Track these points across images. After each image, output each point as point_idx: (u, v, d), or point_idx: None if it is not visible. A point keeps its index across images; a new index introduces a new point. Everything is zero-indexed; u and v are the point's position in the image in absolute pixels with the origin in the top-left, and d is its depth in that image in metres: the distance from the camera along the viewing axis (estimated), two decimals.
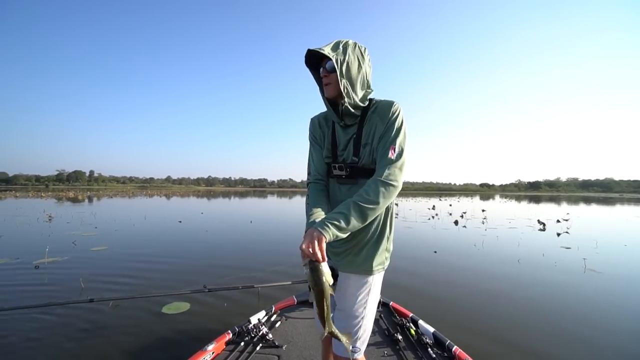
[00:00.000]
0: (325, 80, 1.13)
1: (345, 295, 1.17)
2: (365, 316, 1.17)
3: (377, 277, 1.20)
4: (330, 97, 1.14)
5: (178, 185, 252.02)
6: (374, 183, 1.03)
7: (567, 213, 16.81)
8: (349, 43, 1.11)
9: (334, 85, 1.11)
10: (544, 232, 9.85)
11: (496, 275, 4.77)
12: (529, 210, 21.34)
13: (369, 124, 1.14)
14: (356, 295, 1.16)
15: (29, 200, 24.70)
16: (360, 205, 0.99)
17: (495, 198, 53.44)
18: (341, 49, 1.08)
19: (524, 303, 3.63)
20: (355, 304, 1.16)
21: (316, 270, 0.87)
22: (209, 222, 11.46)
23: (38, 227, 9.18)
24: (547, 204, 32.33)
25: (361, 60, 1.11)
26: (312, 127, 1.30)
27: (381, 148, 1.10)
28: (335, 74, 1.09)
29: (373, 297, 1.19)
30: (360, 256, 1.16)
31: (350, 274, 1.17)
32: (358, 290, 1.16)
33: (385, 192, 1.02)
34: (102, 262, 5.18)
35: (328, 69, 1.11)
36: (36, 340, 2.57)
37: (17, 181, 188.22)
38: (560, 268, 5.29)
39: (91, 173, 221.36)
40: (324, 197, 1.19)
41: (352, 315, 1.16)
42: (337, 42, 1.11)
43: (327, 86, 1.13)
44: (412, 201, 32.97)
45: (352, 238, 1.15)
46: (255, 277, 4.32)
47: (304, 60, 1.18)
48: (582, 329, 2.95)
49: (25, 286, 3.90)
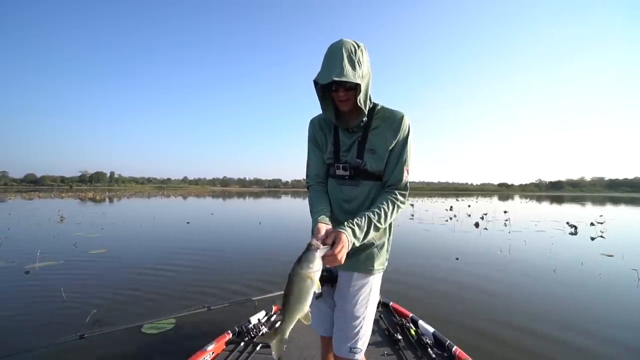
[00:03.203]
0: (343, 97, 1.10)
1: (347, 296, 1.18)
2: (366, 316, 1.19)
3: (378, 277, 1.24)
4: (345, 111, 1.16)
5: (194, 185, 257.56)
6: (392, 204, 1.12)
7: (601, 215, 15.56)
8: (360, 52, 1.09)
9: (351, 102, 1.12)
10: (576, 236, 9.00)
11: (532, 290, 4.13)
12: (554, 211, 20.10)
13: (377, 132, 1.17)
14: (357, 295, 1.18)
15: (50, 201, 25.42)
16: (377, 225, 1.07)
17: (515, 198, 51.39)
18: (357, 64, 1.07)
19: (576, 331, 3.00)
20: (357, 304, 1.17)
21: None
22: (218, 223, 11.18)
23: (47, 228, 9.13)
24: (571, 204, 30.62)
25: (369, 67, 1.13)
26: (313, 129, 1.30)
27: (393, 164, 1.17)
28: (354, 91, 1.10)
29: (373, 297, 1.22)
30: (363, 255, 1.19)
31: (353, 273, 1.19)
32: (359, 289, 1.18)
33: (396, 214, 1.14)
34: (94, 268, 4.87)
35: (348, 88, 1.09)
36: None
37: (44, 182, 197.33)
38: (608, 281, 4.57)
39: (112, 174, 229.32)
40: (326, 198, 1.23)
41: (353, 315, 1.17)
42: (350, 56, 1.07)
43: (343, 102, 1.12)
44: (428, 201, 31.95)
45: None
46: (252, 286, 3.89)
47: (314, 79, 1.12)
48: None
49: (4, 298, 3.58)
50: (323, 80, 1.06)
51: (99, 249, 6.17)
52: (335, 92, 1.11)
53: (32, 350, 2.32)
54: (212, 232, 8.79)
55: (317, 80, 1.09)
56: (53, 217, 12.22)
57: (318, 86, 1.14)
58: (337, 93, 1.10)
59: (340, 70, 1.04)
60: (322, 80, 1.06)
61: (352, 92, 1.10)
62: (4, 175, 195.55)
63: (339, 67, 1.04)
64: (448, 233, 9.35)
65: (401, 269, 4.92)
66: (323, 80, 1.06)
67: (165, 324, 2.88)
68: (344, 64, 1.05)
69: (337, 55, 1.07)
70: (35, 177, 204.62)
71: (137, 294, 3.71)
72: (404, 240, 7.80)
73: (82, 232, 8.34)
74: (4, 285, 4.02)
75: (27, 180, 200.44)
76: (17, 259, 5.28)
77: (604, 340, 2.75)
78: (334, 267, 1.23)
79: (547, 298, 3.81)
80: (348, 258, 1.16)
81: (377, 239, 1.21)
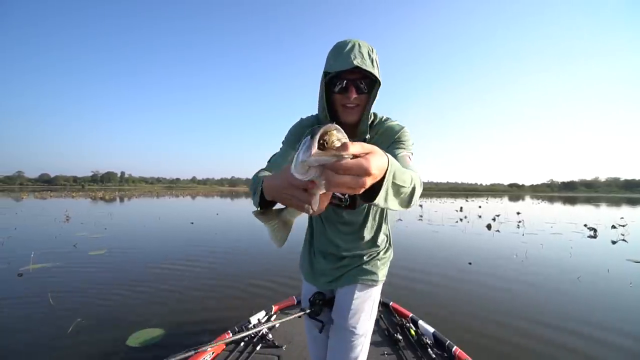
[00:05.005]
0: (354, 101, 0.93)
1: (348, 312, 1.06)
2: (367, 334, 1.08)
3: (379, 289, 1.15)
4: (350, 122, 0.98)
5: (202, 185, 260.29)
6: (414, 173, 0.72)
7: (622, 217, 14.85)
8: (376, 56, 0.94)
9: (359, 111, 0.96)
10: (595, 240, 8.51)
11: (555, 299, 3.77)
12: (568, 212, 19.37)
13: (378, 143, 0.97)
14: (361, 310, 1.07)
15: (60, 200, 25.78)
16: (410, 180, 0.65)
17: (526, 199, 50.20)
18: (376, 64, 0.92)
19: (610, 347, 2.66)
20: (359, 320, 1.05)
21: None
22: (222, 224, 11.00)
23: (52, 228, 9.08)
24: (586, 205, 29.62)
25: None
26: (300, 130, 1.06)
27: (393, 155, 0.90)
28: (366, 96, 0.94)
29: (375, 313, 1.13)
30: (369, 265, 1.11)
31: (355, 285, 1.09)
32: (363, 303, 1.08)
33: (420, 188, 0.72)
34: (89, 271, 4.68)
35: (362, 90, 0.93)
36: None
37: (57, 182, 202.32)
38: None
39: (122, 174, 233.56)
40: None
41: (356, 333, 1.04)
42: (369, 53, 0.91)
43: (349, 110, 0.95)
44: (437, 202, 31.33)
45: (363, 247, 1.12)
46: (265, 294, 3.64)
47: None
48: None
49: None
50: (341, 66, 0.88)
51: (98, 251, 6.01)
52: (343, 95, 0.93)
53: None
54: (215, 233, 8.59)
55: (331, 69, 0.91)
56: (59, 216, 12.24)
57: (326, 79, 0.95)
58: (346, 95, 0.92)
59: (362, 60, 0.88)
60: (339, 67, 0.88)
61: (364, 98, 0.94)
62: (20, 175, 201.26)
63: (359, 57, 0.88)
64: (459, 235, 8.95)
65: (409, 270, 4.61)
66: (341, 66, 0.88)
67: (153, 333, 2.65)
68: (365, 57, 0.89)
69: (355, 47, 0.91)
70: (49, 177, 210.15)
71: (129, 301, 3.50)
72: (413, 242, 7.46)
73: (85, 233, 8.24)
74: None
75: (42, 180, 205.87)
76: (14, 259, 5.15)
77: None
78: (327, 290, 1.15)
79: (572, 307, 3.45)
80: (352, 270, 1.10)
81: (384, 246, 1.17)
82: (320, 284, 1.17)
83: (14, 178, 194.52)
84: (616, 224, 11.21)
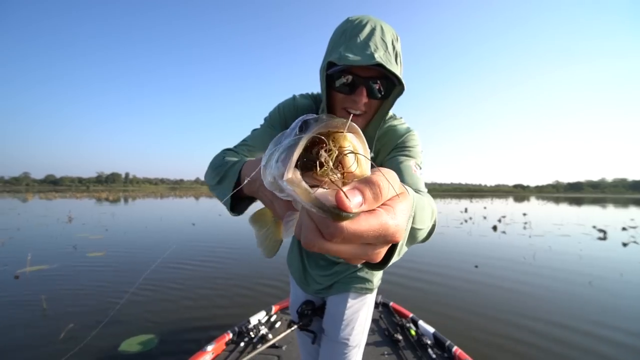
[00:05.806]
0: (364, 106, 0.70)
1: (341, 323, 0.96)
2: (361, 345, 1.00)
3: (374, 296, 1.05)
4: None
5: (206, 186, 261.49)
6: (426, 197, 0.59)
7: (632, 219, 14.55)
8: (398, 41, 0.70)
9: (366, 118, 0.74)
10: (605, 242, 8.29)
11: (566, 306, 3.61)
12: (575, 214, 19.04)
13: (378, 161, 0.82)
14: (355, 320, 0.97)
15: (65, 201, 25.95)
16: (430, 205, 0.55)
17: (531, 200, 49.66)
18: (399, 60, 0.69)
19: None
20: (353, 330, 0.97)
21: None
22: (223, 224, 10.93)
23: (54, 228, 9.06)
24: (592, 206, 29.18)
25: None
26: (293, 114, 0.83)
27: (394, 164, 0.73)
28: (379, 102, 0.72)
29: (369, 321, 1.04)
30: (363, 272, 1.00)
31: (347, 294, 0.99)
32: (357, 313, 0.99)
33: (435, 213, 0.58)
34: (86, 273, 4.60)
35: (376, 94, 0.69)
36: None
37: (63, 182, 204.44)
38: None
39: (126, 175, 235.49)
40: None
41: (349, 345, 0.96)
42: (393, 44, 0.68)
43: (356, 115, 0.71)
44: (441, 203, 31.07)
45: None
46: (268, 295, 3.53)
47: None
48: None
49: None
50: (356, 59, 0.62)
51: (98, 252, 5.94)
52: (348, 96, 0.69)
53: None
54: (216, 234, 8.53)
55: (340, 61, 0.64)
56: (62, 217, 12.25)
57: (331, 70, 0.69)
58: (352, 97, 0.69)
59: (385, 53, 0.65)
60: (354, 61, 0.62)
61: (376, 105, 0.73)
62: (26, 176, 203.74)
63: (382, 49, 0.65)
64: (464, 236, 8.78)
65: (416, 271, 4.48)
66: (356, 59, 0.62)
67: (146, 339, 2.54)
68: (388, 49, 0.66)
69: (376, 32, 0.66)
70: (55, 178, 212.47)
71: (124, 305, 3.39)
72: (417, 244, 7.30)
73: (85, 233, 8.20)
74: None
75: (48, 181, 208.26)
76: (12, 261, 5.09)
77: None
78: (318, 298, 1.06)
79: (584, 311, 3.29)
80: (346, 274, 1.00)
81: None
82: (311, 291, 1.08)
83: (21, 179, 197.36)
84: (627, 226, 10.96)
